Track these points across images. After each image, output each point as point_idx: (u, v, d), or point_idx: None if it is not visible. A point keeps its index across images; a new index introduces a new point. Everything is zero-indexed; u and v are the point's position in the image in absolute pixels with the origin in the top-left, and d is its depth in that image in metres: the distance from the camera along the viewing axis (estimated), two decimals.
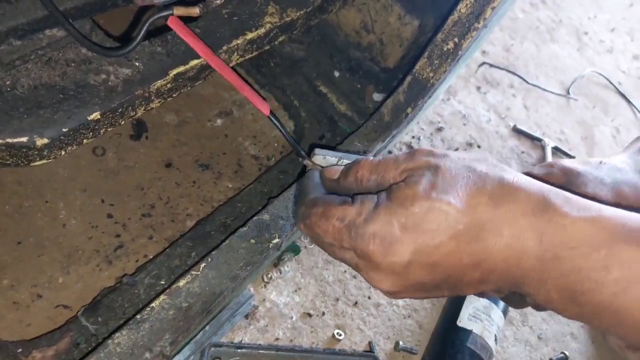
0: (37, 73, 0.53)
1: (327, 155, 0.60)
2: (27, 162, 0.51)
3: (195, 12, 0.53)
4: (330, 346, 0.93)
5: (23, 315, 0.73)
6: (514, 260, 0.43)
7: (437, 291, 0.48)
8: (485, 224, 0.43)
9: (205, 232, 0.80)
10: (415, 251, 0.44)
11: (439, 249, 0.44)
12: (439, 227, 0.43)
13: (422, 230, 0.43)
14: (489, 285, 0.46)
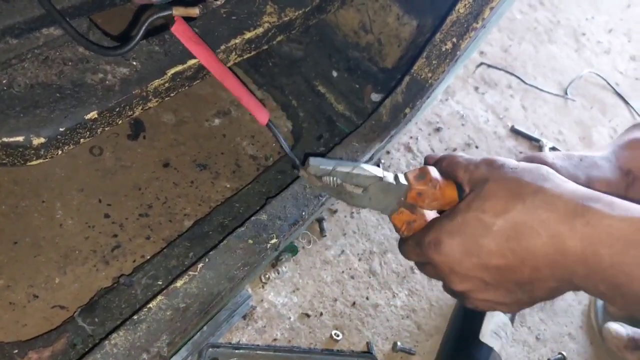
0: (33, 72, 0.53)
1: (321, 164, 0.60)
2: (23, 161, 0.51)
3: (195, 13, 0.53)
4: (328, 347, 0.93)
5: (19, 316, 0.72)
6: (555, 257, 0.48)
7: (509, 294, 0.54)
8: (520, 225, 0.49)
9: (202, 233, 0.80)
10: (463, 251, 0.52)
11: (482, 248, 0.51)
12: (477, 231, 0.51)
13: (465, 234, 0.52)
14: (547, 282, 0.51)
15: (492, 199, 0.51)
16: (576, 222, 0.47)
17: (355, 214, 1.11)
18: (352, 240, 1.07)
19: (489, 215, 0.51)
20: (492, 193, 0.52)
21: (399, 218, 0.61)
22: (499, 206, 0.51)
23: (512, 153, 1.51)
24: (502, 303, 0.56)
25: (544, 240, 0.48)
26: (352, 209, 1.12)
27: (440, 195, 0.59)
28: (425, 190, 0.59)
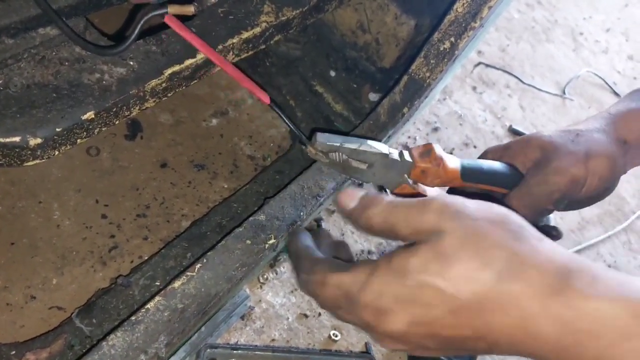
0: (30, 72, 0.53)
1: (328, 140, 0.59)
2: (20, 162, 0.50)
3: (190, 11, 0.52)
4: (326, 347, 0.93)
5: (16, 317, 0.72)
6: (522, 340, 0.41)
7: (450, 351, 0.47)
8: (487, 302, 0.41)
9: (200, 233, 0.80)
10: (411, 323, 0.43)
11: (436, 322, 0.42)
12: (433, 302, 0.42)
13: (417, 304, 0.42)
14: (501, 352, 0.44)
15: (455, 263, 0.41)
16: (554, 303, 0.39)
17: None
18: (350, 241, 1.07)
19: (451, 285, 0.41)
20: (454, 254, 0.41)
21: (401, 193, 0.60)
22: (463, 275, 0.41)
23: None
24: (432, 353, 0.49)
25: (512, 321, 0.40)
26: None
27: (443, 173, 0.59)
28: (428, 168, 0.58)
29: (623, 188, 1.65)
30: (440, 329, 0.42)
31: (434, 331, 0.43)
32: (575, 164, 0.63)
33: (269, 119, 1.06)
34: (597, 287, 0.39)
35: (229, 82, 1.07)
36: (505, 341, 0.41)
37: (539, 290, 0.39)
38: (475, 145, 1.45)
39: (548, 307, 0.39)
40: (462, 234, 0.42)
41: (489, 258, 0.41)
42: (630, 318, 0.37)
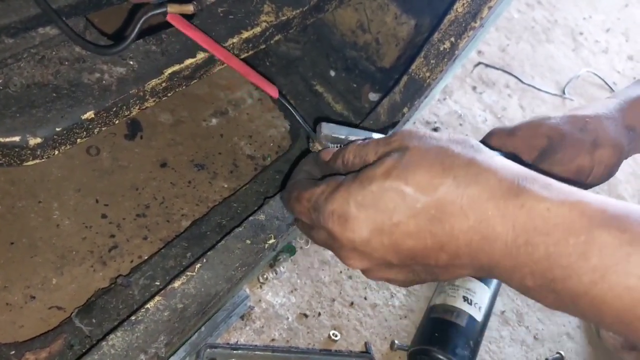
0: (29, 72, 0.53)
1: (334, 131, 0.59)
2: (19, 162, 0.50)
3: (190, 10, 0.52)
4: (326, 347, 0.93)
5: (16, 317, 0.72)
6: (480, 244, 0.42)
7: (412, 273, 0.48)
8: (447, 205, 0.42)
9: (200, 233, 0.80)
10: (373, 229, 0.44)
11: (398, 227, 0.43)
12: (396, 206, 0.43)
13: (379, 209, 0.44)
14: (462, 269, 0.45)
15: (417, 169, 0.43)
16: (509, 205, 0.40)
17: None
18: None
19: (412, 189, 0.42)
20: (416, 162, 0.43)
21: None
22: (424, 179, 0.42)
23: None
24: (398, 280, 0.50)
25: (470, 224, 0.41)
26: None
27: None
28: None
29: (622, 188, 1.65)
30: (401, 238, 0.44)
31: (395, 240, 0.44)
32: (581, 155, 0.62)
33: (269, 118, 1.06)
34: (550, 191, 0.40)
35: (229, 81, 1.07)
36: (464, 248, 0.42)
37: (495, 193, 0.41)
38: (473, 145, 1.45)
39: (503, 209, 0.40)
40: (424, 147, 0.44)
41: (449, 165, 0.42)
42: (578, 216, 0.38)
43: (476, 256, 0.42)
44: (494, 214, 0.41)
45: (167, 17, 0.53)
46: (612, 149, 0.64)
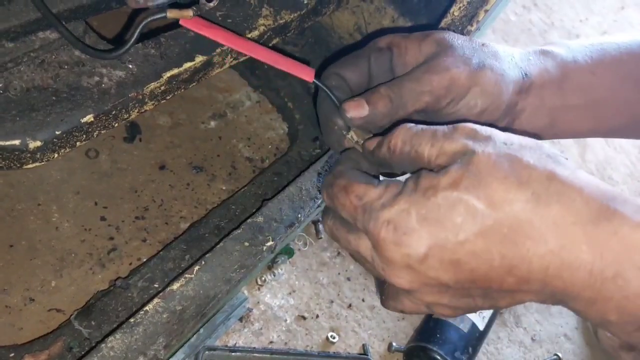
0: (29, 75, 0.53)
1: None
2: (19, 165, 0.51)
3: (189, 15, 0.53)
4: (324, 349, 0.93)
5: (15, 319, 0.72)
6: (558, 271, 0.37)
7: (467, 298, 0.43)
8: (523, 224, 0.37)
9: (199, 235, 0.80)
10: (434, 245, 0.39)
11: (463, 245, 0.39)
12: (463, 222, 0.38)
13: (444, 224, 0.39)
14: (527, 295, 0.41)
15: (489, 181, 0.38)
16: (599, 230, 0.36)
17: None
18: None
19: (484, 204, 0.38)
20: (487, 173, 0.38)
21: None
22: (498, 194, 0.37)
23: None
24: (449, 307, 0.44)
25: (549, 248, 0.37)
26: None
27: None
28: None
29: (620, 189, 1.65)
30: (465, 258, 0.39)
31: (458, 260, 0.39)
32: (461, 66, 0.54)
33: (267, 121, 1.06)
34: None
35: (227, 84, 1.07)
36: (537, 273, 0.38)
37: (582, 216, 0.36)
38: None
39: (591, 234, 0.36)
40: (495, 154, 0.39)
41: (526, 178, 0.38)
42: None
43: (550, 283, 0.38)
44: (580, 240, 0.36)
45: (181, 21, 0.53)
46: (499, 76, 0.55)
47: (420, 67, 0.56)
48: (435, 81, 0.54)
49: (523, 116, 0.60)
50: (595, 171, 1.66)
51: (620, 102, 0.64)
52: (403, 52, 0.58)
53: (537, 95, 0.59)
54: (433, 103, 0.55)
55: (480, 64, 0.55)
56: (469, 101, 0.55)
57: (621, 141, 1.80)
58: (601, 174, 1.66)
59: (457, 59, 0.55)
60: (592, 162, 1.68)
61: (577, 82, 0.61)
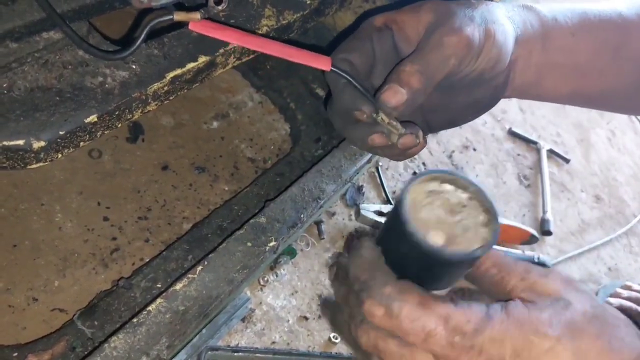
0: (33, 75, 0.53)
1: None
2: (23, 165, 0.51)
3: (197, 18, 0.52)
4: (326, 350, 0.93)
5: (18, 319, 0.72)
6: None
7: None
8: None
9: (201, 235, 0.80)
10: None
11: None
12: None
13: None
14: None
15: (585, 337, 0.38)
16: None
17: (352, 217, 1.11)
18: None
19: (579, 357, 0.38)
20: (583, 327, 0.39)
21: None
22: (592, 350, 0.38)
23: (510, 155, 1.52)
24: None
25: None
26: (350, 212, 1.12)
27: None
28: None
29: (623, 190, 1.65)
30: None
31: None
32: (470, 24, 0.55)
33: (270, 121, 1.06)
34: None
35: (230, 84, 1.07)
36: None
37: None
38: (475, 148, 1.46)
39: None
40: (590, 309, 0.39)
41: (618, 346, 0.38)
42: None
43: None
44: None
45: (190, 25, 0.53)
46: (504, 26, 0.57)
47: (434, 34, 0.55)
48: (456, 42, 0.54)
49: (517, 68, 0.62)
50: (599, 172, 1.66)
51: (597, 69, 0.65)
52: (402, 26, 0.57)
53: (524, 48, 0.60)
54: (458, 65, 0.55)
55: (482, 19, 0.56)
56: (485, 55, 0.56)
57: (625, 142, 1.80)
58: (605, 175, 1.66)
59: (462, 19, 0.55)
60: (596, 163, 1.67)
61: (558, 42, 0.63)
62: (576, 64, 0.64)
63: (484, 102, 0.63)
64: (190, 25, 0.53)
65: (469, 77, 0.58)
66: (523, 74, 0.62)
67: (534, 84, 0.64)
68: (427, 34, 0.56)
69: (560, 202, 1.50)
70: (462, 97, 0.61)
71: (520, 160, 1.52)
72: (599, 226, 1.50)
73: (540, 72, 0.63)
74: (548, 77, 0.64)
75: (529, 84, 0.64)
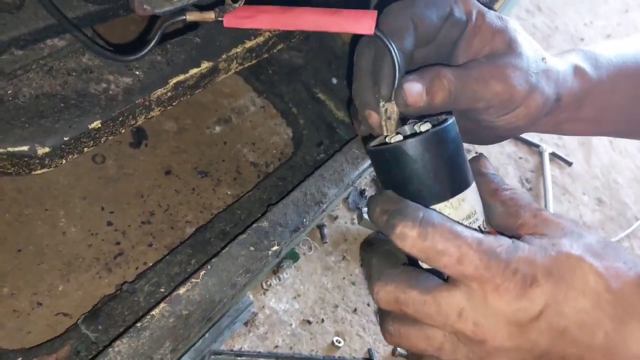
0: (38, 82, 0.54)
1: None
2: (28, 170, 0.51)
3: (211, 18, 0.50)
4: (329, 353, 0.93)
5: (23, 324, 0.73)
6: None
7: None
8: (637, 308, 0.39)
9: (204, 240, 0.81)
10: (551, 304, 0.39)
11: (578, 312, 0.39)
12: (585, 289, 0.39)
13: (568, 284, 0.39)
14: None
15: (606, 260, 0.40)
16: None
17: (355, 221, 1.11)
18: (352, 246, 1.08)
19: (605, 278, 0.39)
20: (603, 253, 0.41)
21: None
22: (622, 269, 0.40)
23: (512, 158, 1.52)
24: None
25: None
26: (353, 216, 1.12)
27: None
28: None
29: (625, 193, 1.65)
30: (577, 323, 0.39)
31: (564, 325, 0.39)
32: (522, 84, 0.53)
33: (272, 125, 1.07)
34: None
35: (232, 89, 1.08)
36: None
37: None
38: (477, 151, 1.46)
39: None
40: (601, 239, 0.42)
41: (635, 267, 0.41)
42: None
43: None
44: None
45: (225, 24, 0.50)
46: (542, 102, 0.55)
47: (486, 67, 0.53)
48: (497, 91, 0.52)
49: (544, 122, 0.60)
50: (601, 175, 1.66)
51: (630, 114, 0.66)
52: (475, 32, 0.54)
53: (555, 115, 0.60)
54: (485, 109, 0.54)
55: (535, 84, 0.54)
56: (510, 118, 0.55)
57: (626, 145, 1.80)
58: (606, 178, 1.66)
59: (522, 73, 0.53)
60: (597, 167, 1.67)
61: (595, 100, 0.62)
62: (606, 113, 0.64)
63: (484, 139, 0.62)
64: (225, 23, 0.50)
65: (488, 123, 0.56)
66: (539, 127, 0.61)
67: (549, 131, 0.64)
68: (486, 58, 0.54)
69: (562, 205, 1.50)
70: (476, 123, 0.58)
71: (522, 163, 1.52)
72: (600, 229, 1.50)
73: (561, 125, 0.63)
74: (568, 128, 0.63)
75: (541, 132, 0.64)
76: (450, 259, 0.39)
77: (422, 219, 0.40)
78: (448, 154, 0.45)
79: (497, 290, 0.39)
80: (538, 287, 0.38)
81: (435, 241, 0.40)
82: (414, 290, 0.41)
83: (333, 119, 1.04)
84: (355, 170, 0.87)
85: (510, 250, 0.39)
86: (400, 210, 0.42)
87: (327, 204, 0.81)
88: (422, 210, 0.41)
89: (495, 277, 0.39)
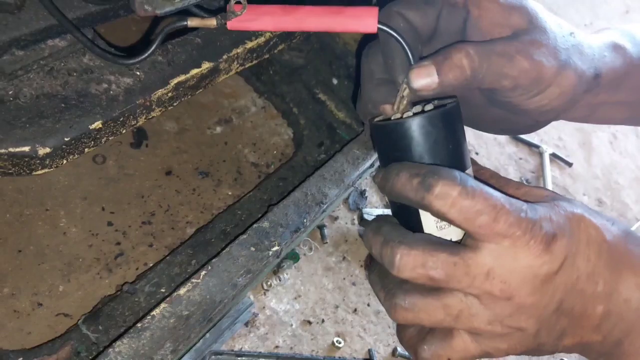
0: (39, 83, 0.54)
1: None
2: (29, 171, 0.51)
3: (212, 24, 0.50)
4: (330, 354, 0.93)
5: (23, 324, 0.73)
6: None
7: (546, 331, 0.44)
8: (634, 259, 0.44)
9: (205, 240, 0.80)
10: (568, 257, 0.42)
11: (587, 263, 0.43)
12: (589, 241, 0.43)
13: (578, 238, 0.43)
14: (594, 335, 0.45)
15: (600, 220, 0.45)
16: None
17: (355, 221, 1.11)
18: (353, 247, 1.08)
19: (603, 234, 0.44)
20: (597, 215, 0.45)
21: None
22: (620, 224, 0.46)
23: (512, 159, 1.52)
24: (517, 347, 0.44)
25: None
26: (353, 216, 1.12)
27: None
28: None
29: (625, 193, 1.65)
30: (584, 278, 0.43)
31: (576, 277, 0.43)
32: (551, 60, 0.49)
33: (273, 126, 1.07)
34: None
35: (233, 90, 1.08)
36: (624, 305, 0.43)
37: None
38: (477, 152, 1.46)
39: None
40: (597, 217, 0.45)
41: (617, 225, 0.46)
42: None
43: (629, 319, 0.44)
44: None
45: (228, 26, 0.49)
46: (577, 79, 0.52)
47: (511, 43, 0.49)
48: (525, 68, 0.48)
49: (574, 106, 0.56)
50: (601, 175, 1.66)
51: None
52: (483, 15, 0.50)
53: (593, 96, 0.56)
54: (511, 89, 0.50)
55: (566, 60, 0.51)
56: (541, 100, 0.51)
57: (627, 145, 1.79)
58: (607, 179, 1.66)
59: (549, 49, 0.50)
60: (598, 167, 1.67)
61: (635, 81, 0.58)
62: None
63: (520, 127, 0.59)
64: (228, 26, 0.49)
65: (518, 106, 0.52)
66: (576, 111, 0.57)
67: (582, 117, 0.60)
68: (509, 37, 0.50)
69: None
70: (499, 112, 0.55)
71: (522, 164, 1.52)
72: None
73: (596, 109, 0.59)
74: (603, 112, 0.60)
75: (575, 118, 0.60)
76: (487, 218, 0.40)
77: (460, 178, 0.40)
78: (451, 134, 0.46)
79: (527, 245, 0.41)
80: (557, 241, 0.41)
81: (475, 200, 0.40)
82: (444, 253, 0.41)
83: (334, 120, 1.04)
84: (355, 170, 0.87)
85: (532, 210, 0.42)
86: (435, 171, 0.41)
87: (328, 205, 0.81)
88: (457, 171, 0.41)
89: (526, 234, 0.40)
